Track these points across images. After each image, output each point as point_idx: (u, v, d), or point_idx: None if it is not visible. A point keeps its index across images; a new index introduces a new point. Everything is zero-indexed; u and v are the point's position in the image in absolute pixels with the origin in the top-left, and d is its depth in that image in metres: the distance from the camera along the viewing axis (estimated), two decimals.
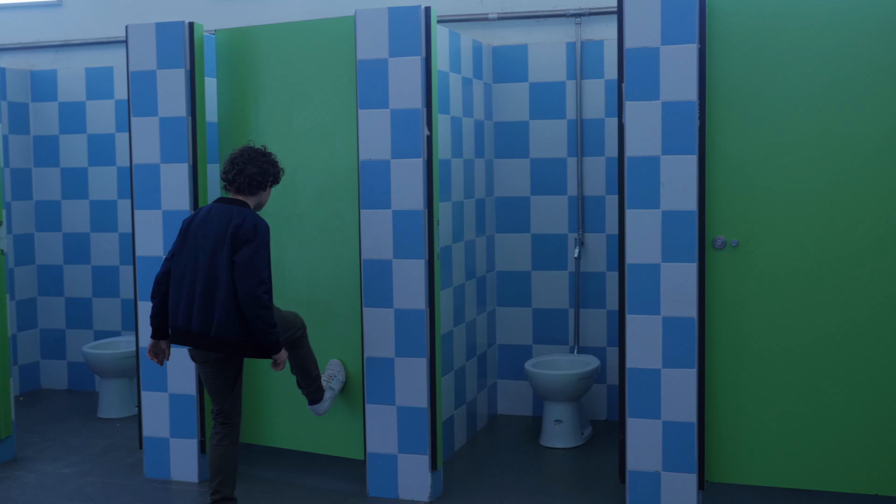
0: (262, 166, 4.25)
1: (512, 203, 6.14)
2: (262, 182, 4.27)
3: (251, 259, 4.08)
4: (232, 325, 4.12)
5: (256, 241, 4.10)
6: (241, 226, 4.12)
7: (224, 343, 4.15)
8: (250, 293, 4.07)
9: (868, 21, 4.22)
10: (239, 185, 4.24)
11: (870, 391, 4.32)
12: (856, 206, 4.29)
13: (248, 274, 4.07)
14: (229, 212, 4.19)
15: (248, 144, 4.36)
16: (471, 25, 6.15)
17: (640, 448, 4.48)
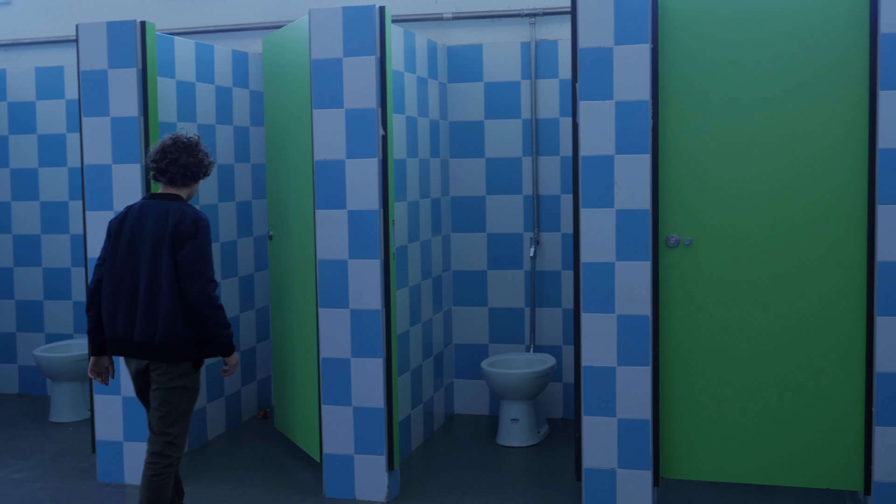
0: (198, 157, 3.99)
1: (468, 203, 6.15)
2: (196, 174, 4.01)
3: (196, 257, 3.84)
4: (178, 330, 3.85)
5: (199, 237, 3.86)
6: (180, 222, 3.86)
7: (171, 350, 3.86)
8: (200, 293, 3.83)
9: (816, 23, 4.28)
10: (172, 176, 3.96)
11: (820, 387, 4.38)
12: (805, 206, 4.35)
13: (195, 273, 3.84)
14: (165, 208, 3.91)
15: (177, 134, 4.04)
16: (426, 25, 6.15)
17: (596, 446, 4.51)
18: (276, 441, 5.79)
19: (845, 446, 4.38)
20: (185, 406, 3.97)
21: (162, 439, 3.94)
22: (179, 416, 3.95)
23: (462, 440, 5.79)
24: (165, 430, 3.93)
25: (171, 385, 3.91)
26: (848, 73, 4.26)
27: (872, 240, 4.22)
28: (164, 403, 3.92)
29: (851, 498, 4.69)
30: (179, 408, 3.94)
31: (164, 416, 3.93)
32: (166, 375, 3.90)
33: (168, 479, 3.95)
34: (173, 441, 3.95)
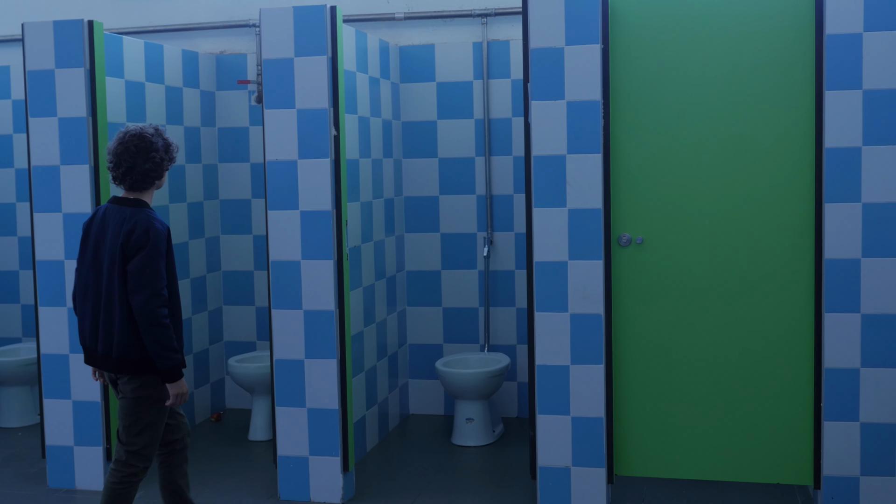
0: (154, 159, 3.78)
1: (421, 203, 6.15)
2: (158, 175, 3.83)
3: (142, 269, 3.67)
4: (132, 344, 3.72)
5: (148, 248, 3.68)
6: (132, 232, 3.70)
7: (127, 364, 3.74)
8: (142, 308, 3.66)
9: (764, 24, 4.34)
10: (131, 183, 3.80)
11: (771, 383, 4.44)
12: (754, 204, 4.40)
13: (139, 286, 3.67)
14: (122, 215, 3.76)
15: (131, 131, 3.80)
16: (377, 25, 6.14)
17: (550, 444, 4.53)
18: (230, 443, 5.74)
19: (795, 441, 4.44)
20: (152, 417, 3.83)
21: (126, 448, 3.83)
22: (146, 426, 3.82)
23: (417, 440, 5.79)
24: (131, 440, 3.82)
25: (136, 395, 3.79)
26: (795, 74, 4.32)
27: (820, 238, 4.29)
28: (129, 413, 3.81)
29: (802, 492, 4.75)
30: (145, 418, 3.82)
31: (130, 425, 3.82)
32: (129, 385, 3.80)
33: (130, 489, 3.84)
34: (139, 451, 3.83)
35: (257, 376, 5.72)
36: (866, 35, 4.15)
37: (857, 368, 4.27)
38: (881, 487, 4.29)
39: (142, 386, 3.79)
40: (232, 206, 6.36)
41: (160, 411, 3.85)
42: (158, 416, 3.85)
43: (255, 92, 6.10)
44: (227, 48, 6.36)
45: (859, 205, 4.21)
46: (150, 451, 3.86)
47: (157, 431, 3.86)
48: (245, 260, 6.37)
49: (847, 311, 4.25)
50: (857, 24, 4.15)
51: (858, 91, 4.17)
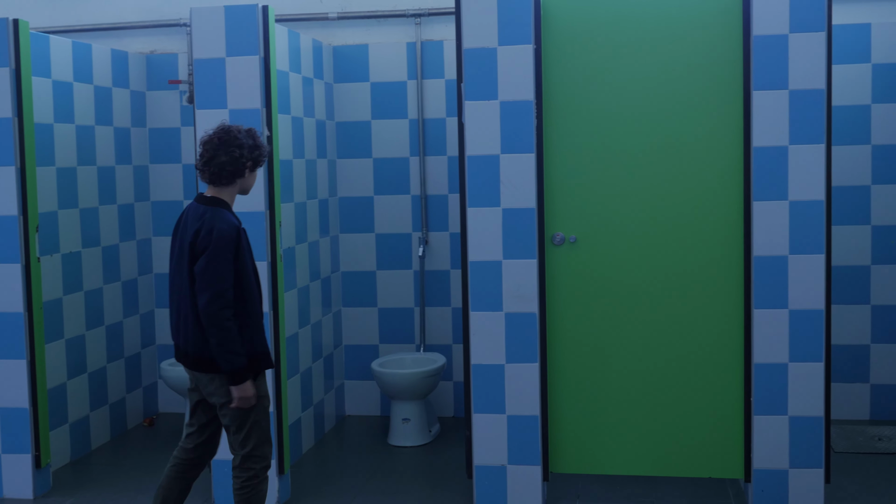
0: (234, 153, 3.69)
1: (356, 203, 6.13)
2: (237, 171, 3.73)
3: (204, 270, 3.61)
4: (203, 343, 3.69)
5: (211, 249, 3.61)
6: (198, 232, 3.65)
7: (202, 362, 3.71)
8: (203, 309, 3.60)
9: (693, 25, 4.40)
10: (210, 176, 3.72)
11: (702, 379, 4.50)
12: (684, 203, 4.47)
13: (202, 288, 3.61)
14: (197, 213, 3.72)
15: (223, 123, 3.80)
16: (311, 25, 6.10)
17: (486, 443, 4.55)
18: (164, 448, 5.66)
19: (727, 436, 4.51)
20: (254, 416, 3.77)
21: (239, 453, 3.79)
22: (251, 427, 3.77)
23: (353, 442, 5.77)
24: (240, 443, 3.78)
25: (226, 399, 3.74)
26: (723, 75, 4.39)
27: (749, 236, 4.36)
28: (229, 418, 3.77)
29: (733, 485, 4.83)
30: (247, 420, 3.76)
31: (235, 431, 3.78)
32: (221, 389, 3.74)
33: (255, 490, 3.80)
34: (251, 453, 3.78)
35: (182, 380, 5.64)
36: (792, 36, 4.23)
37: (786, 363, 4.35)
38: (809, 479, 4.38)
39: (227, 388, 3.73)
40: (164, 207, 6.27)
41: (261, 408, 3.80)
42: (260, 414, 3.80)
43: (187, 92, 6.03)
44: (158, 48, 6.28)
45: (786, 203, 4.29)
46: (263, 450, 3.81)
47: (265, 429, 3.81)
48: None
49: (775, 308, 4.33)
50: (783, 25, 4.23)
51: (785, 91, 4.25)
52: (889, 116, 5.67)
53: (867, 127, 5.70)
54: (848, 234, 5.75)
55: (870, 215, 5.74)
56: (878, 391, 5.82)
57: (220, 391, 3.74)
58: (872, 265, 5.76)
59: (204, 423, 3.92)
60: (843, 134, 5.66)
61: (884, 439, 5.45)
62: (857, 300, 5.79)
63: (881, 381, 5.82)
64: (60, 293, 5.36)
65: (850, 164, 5.70)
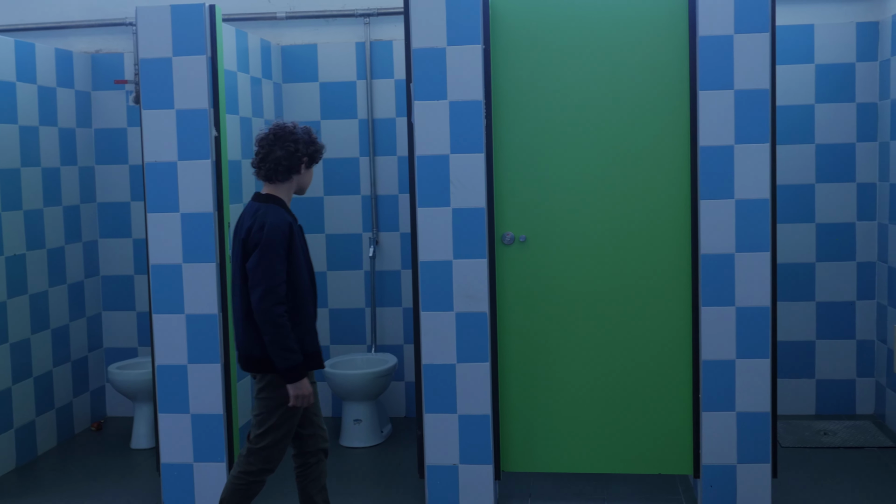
0: (290, 147, 3.68)
1: (306, 203, 6.10)
2: (293, 166, 3.72)
3: (256, 266, 3.59)
4: (253, 341, 3.68)
5: (262, 245, 3.59)
6: (251, 228, 3.64)
7: (251, 361, 3.71)
8: (256, 306, 3.59)
9: (640, 25, 4.44)
10: (266, 173, 3.72)
11: (651, 377, 4.55)
12: (632, 202, 4.50)
13: (254, 284, 3.59)
14: (252, 211, 3.71)
15: (278, 122, 3.78)
16: (259, 24, 6.06)
17: (438, 443, 4.55)
18: (112, 453, 5.60)
19: (675, 433, 4.56)
20: (277, 419, 3.72)
21: (249, 445, 3.79)
22: (270, 428, 3.73)
23: None
24: (255, 438, 3.76)
25: (261, 395, 3.75)
26: (670, 74, 4.44)
27: (696, 234, 4.41)
28: (256, 413, 3.77)
29: (682, 481, 4.88)
30: (270, 420, 3.73)
31: (256, 424, 3.77)
32: (259, 384, 3.76)
33: (246, 487, 3.77)
34: (259, 451, 3.75)
35: (139, 383, 5.59)
36: (737, 37, 4.29)
37: (733, 360, 4.40)
38: (756, 474, 4.44)
39: (267, 386, 3.72)
40: (110, 209, 6.20)
41: (286, 415, 3.74)
42: (284, 419, 3.74)
43: (133, 92, 5.95)
44: (103, 47, 6.20)
45: (732, 201, 4.34)
46: (271, 454, 3.76)
47: (283, 436, 3.76)
48: (125, 264, 6.21)
49: (722, 305, 4.38)
50: (727, 26, 4.28)
51: (730, 91, 4.31)
52: (832, 116, 5.77)
53: (811, 126, 5.79)
54: (793, 231, 5.84)
55: (814, 213, 5.83)
56: (823, 386, 5.92)
57: (265, 389, 3.72)
58: (817, 262, 5.86)
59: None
60: (787, 133, 5.75)
61: (829, 433, 5.54)
62: (802, 297, 5.88)
63: (826, 376, 5.92)
64: (5, 296, 5.27)
65: (794, 163, 5.79)
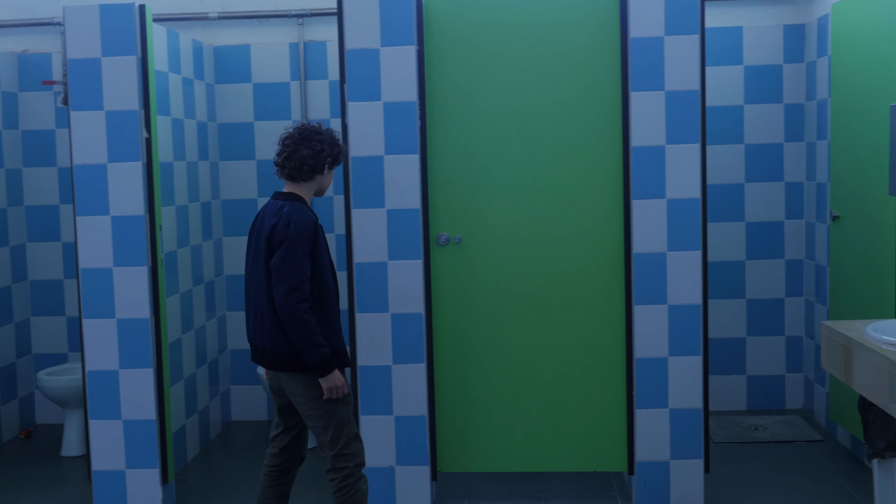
0: (315, 147, 3.69)
1: (239, 206, 6.05)
2: (317, 166, 3.72)
3: (281, 264, 3.58)
4: (280, 339, 3.65)
5: (287, 242, 3.58)
6: (276, 226, 3.62)
7: (279, 359, 3.68)
8: (281, 303, 3.57)
9: (572, 27, 4.48)
10: (290, 171, 3.71)
11: (586, 375, 4.58)
12: (567, 202, 4.54)
13: (278, 281, 3.58)
14: (275, 209, 3.69)
15: (303, 122, 3.77)
16: (190, 25, 6.00)
17: (374, 444, 4.53)
18: (42, 460, 5.49)
19: (610, 430, 4.61)
20: (339, 414, 3.72)
21: (329, 454, 3.74)
22: (338, 424, 3.72)
23: (241, 447, 5.69)
24: (328, 444, 3.73)
25: (308, 397, 3.70)
26: (602, 75, 4.48)
27: (628, 233, 4.46)
28: (314, 418, 3.72)
29: (617, 478, 4.93)
30: (333, 418, 3.71)
31: (322, 431, 3.72)
32: (299, 389, 3.71)
33: (354, 489, 3.74)
34: (341, 452, 3.73)
35: (69, 389, 5.48)
36: (667, 39, 4.34)
37: (666, 357, 4.46)
38: (689, 470, 4.50)
39: (311, 387, 3.69)
40: (38, 212, 6.08)
41: (344, 403, 3.75)
42: (344, 409, 3.75)
43: (61, 93, 5.85)
44: (30, 47, 6.08)
45: (664, 201, 4.40)
46: (354, 447, 3.76)
47: (352, 425, 3.78)
48: (54, 268, 6.10)
49: (655, 303, 4.43)
50: (658, 28, 4.34)
51: (661, 92, 4.36)
52: (760, 117, 5.88)
53: (740, 127, 5.89)
54: (723, 230, 5.93)
55: (744, 212, 5.94)
56: (753, 382, 6.03)
57: (300, 389, 3.70)
58: (747, 260, 5.96)
59: (290, 425, 3.88)
60: (717, 134, 5.84)
61: (760, 428, 5.64)
62: (732, 295, 5.98)
63: (756, 372, 6.02)
64: None
65: (724, 162, 5.89)
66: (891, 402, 3.14)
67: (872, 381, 3.31)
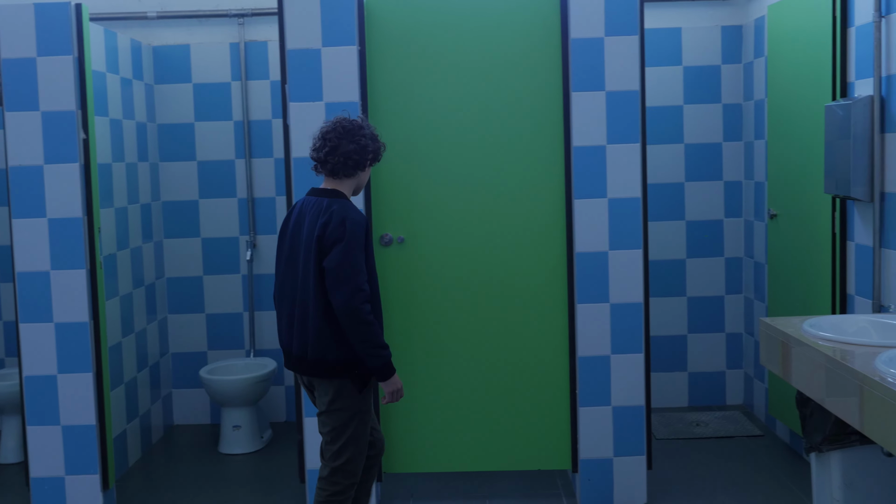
0: (360, 142, 3.54)
1: (180, 207, 5.98)
2: (360, 161, 3.57)
3: (341, 264, 3.40)
4: (329, 345, 3.47)
5: (346, 241, 3.41)
6: (327, 223, 3.44)
7: (323, 366, 3.49)
8: (345, 305, 3.38)
9: (514, 27, 4.50)
10: (333, 167, 3.54)
11: (530, 374, 4.61)
12: (509, 202, 4.56)
13: (340, 282, 3.40)
14: (319, 207, 3.51)
15: (340, 116, 3.63)
16: (129, 24, 5.92)
17: (318, 446, 4.49)
18: None
19: (554, 428, 4.63)
20: (354, 429, 3.56)
21: (329, 465, 3.58)
22: (348, 439, 3.56)
23: (183, 452, 5.62)
24: (334, 455, 3.58)
25: (332, 408, 3.55)
26: (544, 76, 4.51)
27: (571, 232, 4.49)
28: (331, 427, 3.57)
29: (561, 476, 4.97)
30: (347, 431, 3.55)
31: (330, 441, 3.59)
32: (325, 397, 3.56)
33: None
34: (343, 467, 3.57)
35: (5, 395, 5.38)
36: (607, 39, 4.38)
37: (608, 355, 4.50)
38: (632, 466, 4.54)
39: (339, 397, 3.54)
40: None
41: (362, 422, 3.59)
42: (360, 427, 3.59)
43: None
44: None
45: (605, 200, 4.44)
46: (355, 467, 3.60)
47: (361, 445, 3.61)
48: None
49: (597, 302, 4.47)
50: (598, 28, 4.37)
51: (602, 92, 4.40)
52: (700, 116, 5.96)
53: (680, 127, 5.96)
54: (664, 229, 6.00)
55: (684, 211, 6.01)
56: (695, 379, 6.11)
57: (331, 396, 3.55)
58: (687, 259, 6.04)
59: None
60: (657, 133, 5.91)
61: (701, 424, 5.71)
62: (673, 293, 6.05)
63: (698, 369, 6.10)
64: None
65: (664, 162, 5.96)
66: (827, 396, 3.20)
67: (809, 376, 3.36)
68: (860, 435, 3.67)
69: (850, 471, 3.72)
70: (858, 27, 4.33)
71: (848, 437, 3.71)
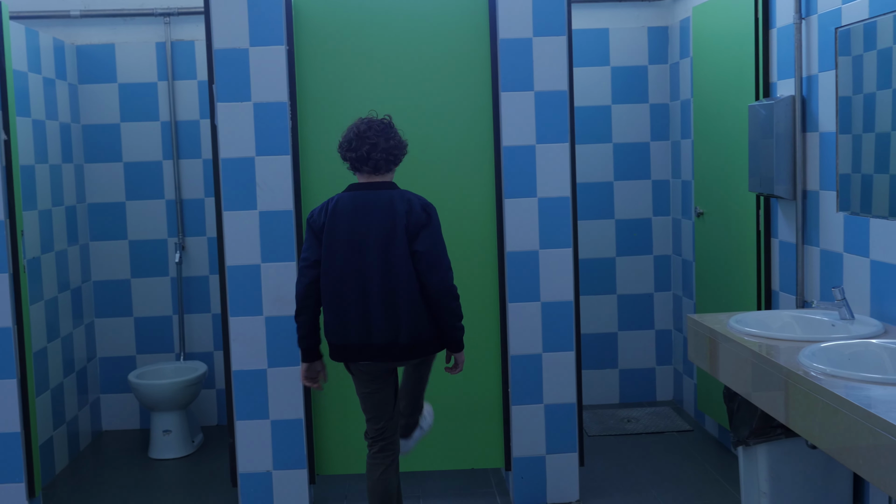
0: (396, 138, 3.70)
1: (106, 209, 5.88)
2: (398, 157, 3.71)
3: (433, 247, 3.60)
4: (423, 324, 3.63)
5: (432, 224, 3.62)
6: (410, 211, 3.61)
7: (418, 347, 3.66)
8: (442, 285, 3.60)
9: (443, 27, 4.50)
10: (376, 163, 3.65)
11: (463, 374, 4.59)
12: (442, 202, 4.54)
13: (435, 263, 3.60)
14: (386, 198, 3.64)
15: (368, 117, 3.74)
16: (51, 23, 5.80)
17: (251, 449, 4.48)
18: None
19: (487, 427, 4.65)
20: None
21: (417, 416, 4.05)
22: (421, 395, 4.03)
23: (111, 458, 5.53)
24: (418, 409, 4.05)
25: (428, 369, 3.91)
26: (474, 76, 4.52)
27: (501, 232, 4.51)
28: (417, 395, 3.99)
29: (495, 475, 4.99)
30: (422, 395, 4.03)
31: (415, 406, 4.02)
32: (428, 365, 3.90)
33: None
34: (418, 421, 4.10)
35: None
36: (535, 40, 4.41)
37: (540, 354, 4.53)
38: (564, 463, 4.58)
39: (427, 367, 3.90)
40: None
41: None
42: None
43: None
44: None
45: (535, 199, 4.47)
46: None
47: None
48: None
49: (528, 301, 4.50)
50: (526, 29, 4.40)
51: (530, 93, 4.43)
52: (627, 116, 6.03)
53: (608, 126, 6.03)
54: (594, 228, 6.06)
55: (613, 210, 6.08)
56: (625, 376, 6.18)
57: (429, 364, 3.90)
58: (617, 257, 6.11)
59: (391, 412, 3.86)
60: (586, 133, 5.96)
61: (632, 420, 5.78)
62: (603, 290, 6.11)
63: (628, 366, 6.18)
64: None
65: (593, 161, 6.02)
66: (753, 391, 3.26)
67: (736, 371, 3.43)
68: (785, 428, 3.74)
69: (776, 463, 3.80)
70: (780, 28, 4.42)
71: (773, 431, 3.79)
